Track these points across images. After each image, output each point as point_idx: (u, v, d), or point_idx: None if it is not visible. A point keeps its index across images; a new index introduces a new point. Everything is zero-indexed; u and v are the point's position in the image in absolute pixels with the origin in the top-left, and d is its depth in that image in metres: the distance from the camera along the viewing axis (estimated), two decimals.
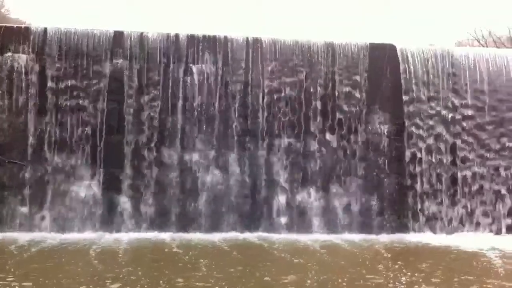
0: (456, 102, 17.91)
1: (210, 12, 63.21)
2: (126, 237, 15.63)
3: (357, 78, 17.75)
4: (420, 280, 11.17)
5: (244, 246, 14.90)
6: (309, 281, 10.95)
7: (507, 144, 17.85)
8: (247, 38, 17.70)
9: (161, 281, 10.67)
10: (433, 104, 17.81)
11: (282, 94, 17.46)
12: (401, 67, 17.93)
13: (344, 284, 10.75)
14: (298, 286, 10.60)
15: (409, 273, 11.76)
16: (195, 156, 17.00)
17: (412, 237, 16.47)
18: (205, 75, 17.34)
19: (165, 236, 15.92)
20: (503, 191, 17.65)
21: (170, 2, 63.66)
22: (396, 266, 12.58)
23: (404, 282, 11.01)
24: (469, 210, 17.48)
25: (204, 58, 17.41)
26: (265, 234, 16.44)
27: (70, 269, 11.79)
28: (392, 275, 11.66)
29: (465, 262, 13.37)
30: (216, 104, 17.25)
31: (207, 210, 16.82)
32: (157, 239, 15.54)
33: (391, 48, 18.20)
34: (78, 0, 53.29)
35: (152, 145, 16.93)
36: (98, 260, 12.61)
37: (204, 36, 17.62)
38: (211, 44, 17.54)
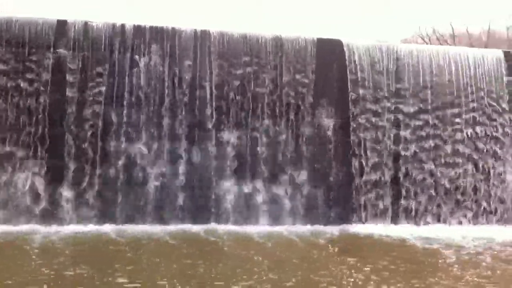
0: (400, 97, 18.32)
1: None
2: (68, 230, 15.27)
3: (305, 72, 17.91)
4: (367, 271, 11.38)
5: (191, 239, 14.83)
6: (255, 275, 10.98)
7: (449, 139, 18.39)
8: (195, 30, 17.58)
9: (101, 276, 10.47)
10: (378, 99, 18.18)
11: (230, 87, 17.44)
12: (348, 62, 18.22)
13: (290, 276, 10.84)
14: (245, 279, 10.61)
15: (354, 265, 11.98)
16: (141, 148, 16.79)
17: (357, 228, 16.80)
18: (152, 67, 17.12)
19: (109, 229, 15.64)
20: (447, 185, 18.16)
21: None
22: (341, 257, 12.79)
23: (349, 274, 11.19)
24: (412, 202, 17.96)
25: (151, 50, 17.18)
26: (213, 227, 16.41)
27: (2, 264, 11.41)
28: (337, 267, 11.84)
29: (409, 252, 13.75)
30: (164, 96, 17.06)
31: (154, 202, 16.65)
32: (101, 232, 15.26)
33: (338, 44, 18.45)
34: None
35: (97, 137, 16.60)
36: (36, 255, 12.25)
37: (151, 27, 17.38)
38: (159, 35, 17.32)
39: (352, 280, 10.48)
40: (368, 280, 10.47)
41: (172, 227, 16.15)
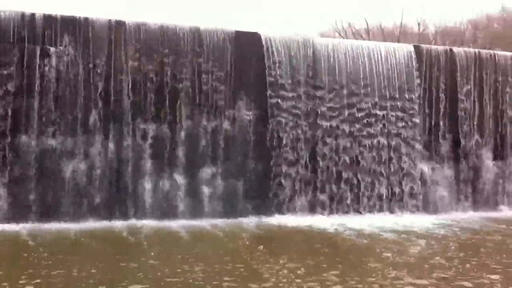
0: (316, 89, 18.65)
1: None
2: None
3: (223, 64, 17.84)
4: (281, 262, 11.52)
5: (108, 236, 14.44)
6: (167, 269, 10.84)
7: (364, 130, 18.92)
8: (109, 20, 17.04)
9: (4, 280, 9.86)
10: (295, 91, 18.41)
11: (147, 79, 17.07)
12: (266, 55, 18.31)
13: (208, 269, 10.78)
14: (161, 275, 10.45)
15: (271, 255, 12.11)
16: (54, 143, 16.12)
17: (276, 220, 17.01)
18: (65, 58, 16.45)
19: (21, 228, 14.93)
20: (359, 177, 18.71)
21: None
22: (259, 248, 12.88)
23: (266, 264, 11.28)
24: (329, 193, 18.38)
25: (64, 40, 16.51)
26: (131, 222, 16.09)
27: None
28: (255, 258, 11.91)
29: (325, 241, 14.07)
30: (78, 88, 16.46)
31: (68, 199, 16.08)
32: (12, 231, 14.52)
33: (256, 36, 18.51)
34: None
35: (6, 131, 15.78)
36: None
37: (62, 17, 16.68)
38: (71, 25, 16.66)
39: (269, 270, 10.56)
40: (282, 269, 10.60)
41: (89, 224, 15.67)
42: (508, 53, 22.25)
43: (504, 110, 20.98)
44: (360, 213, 18.42)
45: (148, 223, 16.00)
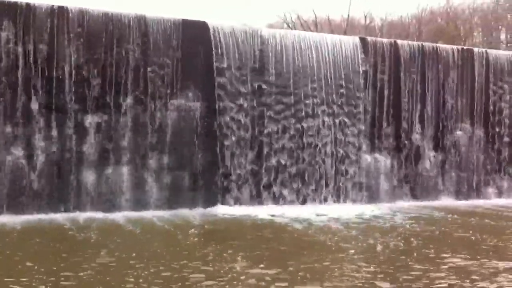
0: (264, 79, 18.67)
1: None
2: None
3: (170, 53, 17.61)
4: (230, 252, 11.53)
5: (48, 229, 14.04)
6: (114, 263, 10.67)
7: (309, 121, 19.10)
8: (52, 6, 16.50)
9: None
10: (243, 81, 18.39)
11: (91, 68, 16.65)
12: (213, 44, 18.18)
13: (156, 263, 10.67)
14: (105, 268, 10.26)
15: (216, 246, 12.10)
16: None
17: (223, 211, 16.98)
18: (3, 44, 15.83)
19: None
20: (308, 167, 18.91)
21: None
22: (205, 239, 12.85)
23: (212, 256, 11.27)
24: (275, 184, 18.49)
25: (3, 26, 15.88)
26: (73, 214, 15.73)
27: None
28: (201, 249, 11.87)
29: (272, 231, 14.17)
30: (17, 77, 15.89)
31: (7, 191, 15.55)
32: None
33: (204, 26, 18.34)
34: None
35: None
36: None
37: (2, 2, 16.04)
38: (11, 10, 16.04)
39: (214, 261, 10.56)
40: (234, 262, 10.62)
41: (30, 216, 15.21)
42: (449, 46, 22.91)
43: (445, 102, 21.60)
44: (305, 203, 18.61)
45: (93, 215, 15.68)
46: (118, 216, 15.77)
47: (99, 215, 15.82)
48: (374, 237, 13.32)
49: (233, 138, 18.09)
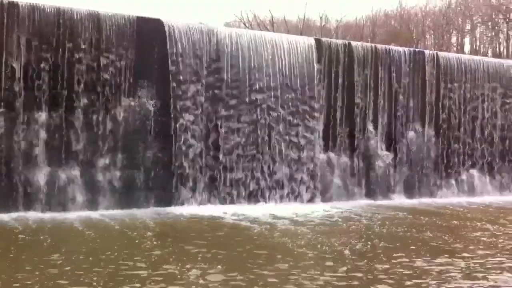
0: (219, 79, 18.61)
1: None
2: None
3: (124, 51, 17.35)
4: (184, 253, 11.45)
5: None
6: (63, 263, 10.44)
7: (264, 119, 19.15)
8: (1, 1, 16.02)
9: None
10: (197, 80, 18.26)
11: (41, 65, 16.24)
12: (168, 42, 18.01)
13: (106, 264, 10.50)
14: (54, 268, 10.04)
15: (169, 246, 12.01)
16: None
17: (177, 210, 16.86)
18: None
19: None
20: (264, 167, 18.96)
21: None
22: (158, 240, 12.71)
23: (161, 256, 11.17)
24: (228, 183, 18.44)
25: None
26: (22, 215, 15.28)
27: None
28: (154, 249, 11.75)
29: (221, 229, 14.14)
30: None
31: None
32: None
33: (159, 23, 18.14)
34: None
35: None
36: None
37: None
38: None
39: (166, 263, 10.48)
40: (188, 263, 10.55)
41: None
42: (402, 48, 23.40)
43: (397, 103, 22.04)
44: (260, 201, 18.65)
45: (42, 216, 15.30)
46: (69, 216, 15.42)
47: (49, 215, 15.44)
48: (327, 236, 13.45)
49: (188, 136, 17.95)
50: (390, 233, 14.27)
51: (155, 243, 12.24)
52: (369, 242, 12.74)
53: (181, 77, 18.01)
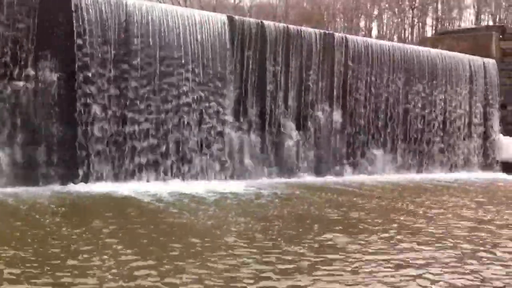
0: (128, 53, 18.04)
1: None
2: None
3: (26, 20, 16.35)
4: (88, 233, 11.10)
5: None
6: None
7: (175, 96, 18.85)
8: None
9: None
10: (105, 53, 17.58)
11: None
12: (74, 14, 17.18)
13: (6, 246, 9.97)
14: None
15: (71, 225, 11.61)
16: None
17: (81, 188, 16.30)
18: None
19: None
20: (169, 142, 18.71)
21: None
22: (59, 218, 12.23)
23: (69, 239, 10.79)
24: (136, 160, 18.06)
25: None
26: None
27: None
28: (55, 228, 11.31)
29: (132, 210, 13.83)
30: None
31: None
32: None
33: None
34: None
35: None
36: None
37: None
38: None
39: (69, 243, 10.12)
40: (93, 245, 10.24)
41: None
42: (312, 30, 23.75)
43: (307, 83, 22.42)
44: (169, 180, 18.39)
45: None
46: None
47: None
48: (233, 214, 13.49)
49: (94, 112, 17.30)
50: (291, 210, 14.57)
51: (55, 222, 11.77)
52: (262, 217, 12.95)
53: (88, 50, 17.26)
